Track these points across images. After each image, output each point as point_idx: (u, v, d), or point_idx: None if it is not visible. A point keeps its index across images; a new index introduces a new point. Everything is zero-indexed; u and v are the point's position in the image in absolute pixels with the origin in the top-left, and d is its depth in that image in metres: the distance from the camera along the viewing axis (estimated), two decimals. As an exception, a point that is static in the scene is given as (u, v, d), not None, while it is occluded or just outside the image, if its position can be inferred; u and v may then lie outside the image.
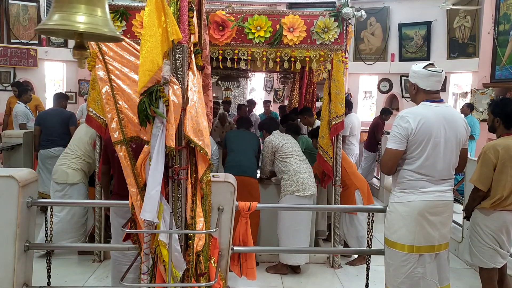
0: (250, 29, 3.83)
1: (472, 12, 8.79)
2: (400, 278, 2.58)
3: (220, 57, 3.88)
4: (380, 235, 4.50)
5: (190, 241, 2.25)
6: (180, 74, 2.11)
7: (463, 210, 3.54)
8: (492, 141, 3.05)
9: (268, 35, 3.85)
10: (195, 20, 2.25)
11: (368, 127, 7.70)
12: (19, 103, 6.29)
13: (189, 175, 2.23)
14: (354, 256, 4.33)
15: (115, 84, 2.45)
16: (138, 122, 2.09)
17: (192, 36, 2.20)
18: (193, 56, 2.22)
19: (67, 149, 4.14)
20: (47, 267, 2.80)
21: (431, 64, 2.63)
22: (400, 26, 10.25)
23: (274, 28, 3.85)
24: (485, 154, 2.97)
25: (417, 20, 10.02)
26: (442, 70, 2.58)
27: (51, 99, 9.74)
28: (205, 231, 2.26)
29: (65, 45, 10.41)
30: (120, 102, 2.46)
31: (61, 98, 5.58)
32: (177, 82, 2.07)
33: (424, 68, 2.58)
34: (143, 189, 2.19)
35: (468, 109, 7.56)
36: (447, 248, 2.65)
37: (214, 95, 8.77)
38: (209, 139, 2.33)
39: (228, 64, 3.92)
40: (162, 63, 1.98)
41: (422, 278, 2.56)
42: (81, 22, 1.50)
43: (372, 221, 2.93)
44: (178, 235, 2.20)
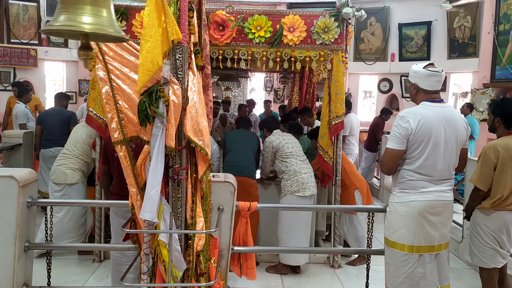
0: (250, 29, 3.83)
1: (472, 12, 8.79)
2: (400, 278, 2.58)
3: (220, 57, 3.88)
4: (380, 235, 4.50)
5: (190, 241, 2.25)
6: (180, 74, 2.11)
7: (463, 210, 3.54)
8: (492, 141, 3.05)
9: (268, 35, 3.85)
10: (195, 20, 2.25)
11: (368, 127, 7.69)
12: (19, 103, 6.29)
13: (189, 175, 2.23)
14: (354, 256, 4.33)
15: (115, 84, 2.45)
16: (138, 122, 2.09)
17: (192, 36, 2.20)
18: (193, 56, 2.22)
19: (64, 150, 4.14)
20: (47, 267, 2.80)
21: (431, 64, 2.63)
22: (400, 26, 10.25)
23: (274, 28, 3.85)
24: (486, 154, 2.97)
25: (417, 20, 10.02)
26: (442, 70, 2.58)
27: (51, 99, 9.76)
28: (205, 231, 2.26)
29: (65, 45, 10.41)
30: (120, 102, 2.46)
31: (62, 98, 5.58)
32: (177, 82, 2.06)
33: (424, 68, 2.58)
34: (143, 189, 2.19)
35: (468, 109, 7.55)
36: (447, 248, 2.65)
37: (214, 95, 8.78)
38: (209, 138, 2.33)
39: (228, 64, 3.92)
40: (162, 63, 1.98)
41: (422, 278, 2.56)
42: (87, 23, 1.51)
43: (372, 221, 2.93)
44: (178, 235, 2.20)
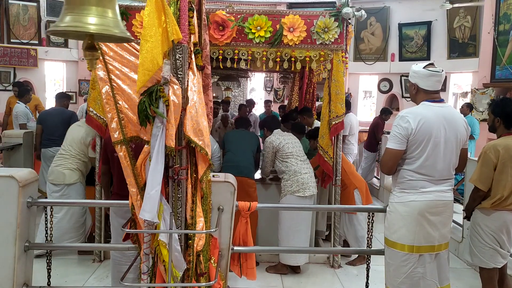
0: (250, 29, 3.83)
1: (472, 12, 8.79)
2: (400, 278, 2.58)
3: (220, 57, 3.88)
4: (380, 235, 4.50)
5: (190, 241, 2.25)
6: (180, 74, 2.11)
7: (463, 210, 3.54)
8: (492, 141, 3.05)
9: (268, 35, 3.84)
10: (195, 20, 2.25)
11: (368, 127, 7.69)
12: (19, 103, 6.29)
13: (189, 175, 2.23)
14: (354, 256, 4.33)
15: (115, 84, 2.45)
16: (138, 122, 2.09)
17: (192, 36, 2.20)
18: (193, 56, 2.22)
19: (61, 150, 4.13)
20: (47, 267, 2.80)
21: (431, 64, 2.63)
22: (400, 26, 10.25)
23: (274, 28, 3.85)
24: (486, 154, 2.97)
25: (417, 20, 10.02)
26: (442, 70, 2.58)
27: (51, 99, 9.76)
28: (205, 231, 2.26)
29: (65, 45, 10.41)
30: (120, 102, 2.46)
31: (63, 98, 5.58)
32: (177, 82, 2.06)
33: (424, 68, 2.58)
34: (143, 189, 2.19)
35: (468, 109, 7.55)
36: (447, 248, 2.65)
37: (214, 95, 8.77)
38: (209, 138, 2.33)
39: (228, 64, 3.92)
40: (162, 63, 1.98)
41: (422, 278, 2.56)
42: (92, 23, 1.52)
43: (372, 221, 2.93)
44: (178, 235, 2.20)
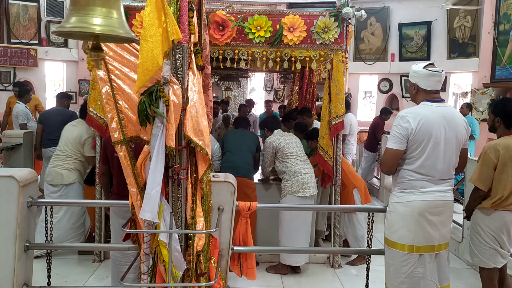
0: (250, 29, 3.83)
1: (472, 12, 8.79)
2: (400, 278, 2.58)
3: (220, 57, 3.88)
4: (380, 235, 4.50)
5: (190, 241, 2.25)
6: (180, 74, 2.11)
7: (463, 210, 3.54)
8: (492, 141, 3.05)
9: (268, 35, 3.84)
10: (195, 20, 2.25)
11: (367, 127, 7.69)
12: (19, 103, 6.28)
13: (189, 175, 2.23)
14: (354, 256, 4.33)
15: (115, 84, 2.45)
16: (138, 122, 2.09)
17: (192, 36, 2.20)
18: (193, 56, 2.22)
19: (57, 151, 4.13)
20: (47, 267, 2.80)
21: (431, 64, 2.63)
22: (400, 26, 10.24)
23: (274, 28, 3.85)
24: (486, 154, 2.97)
25: (417, 20, 10.01)
26: (442, 70, 2.58)
27: (51, 99, 9.76)
28: (205, 231, 2.26)
29: (65, 45, 10.40)
30: (120, 102, 2.45)
31: (64, 98, 5.59)
32: (177, 82, 2.06)
33: (424, 68, 2.58)
34: (143, 189, 2.19)
35: (467, 109, 7.55)
36: (447, 248, 2.65)
37: (214, 95, 8.77)
38: (210, 138, 2.33)
39: (228, 64, 3.92)
40: (162, 63, 1.98)
41: (422, 278, 2.56)
42: (98, 24, 1.53)
43: (372, 221, 2.93)
44: (178, 235, 2.20)
